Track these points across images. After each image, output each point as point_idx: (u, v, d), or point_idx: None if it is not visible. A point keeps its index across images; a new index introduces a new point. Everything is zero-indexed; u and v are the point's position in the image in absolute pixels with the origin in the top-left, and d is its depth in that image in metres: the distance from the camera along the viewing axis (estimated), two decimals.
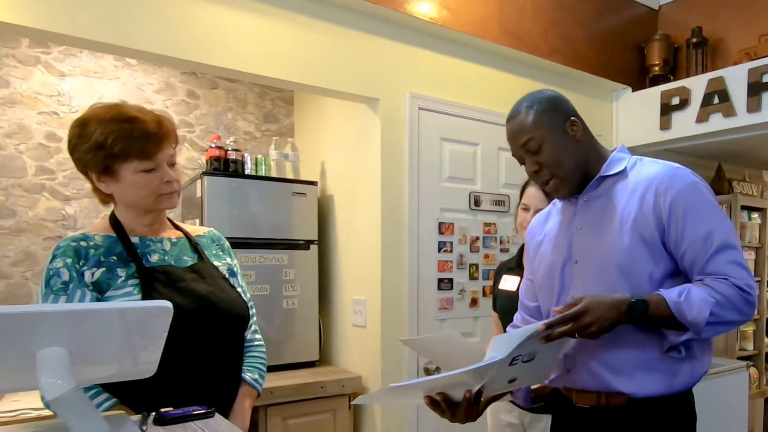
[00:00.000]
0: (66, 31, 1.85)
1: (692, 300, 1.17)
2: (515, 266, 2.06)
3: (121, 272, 1.30)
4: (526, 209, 1.97)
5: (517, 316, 1.61)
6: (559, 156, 1.32)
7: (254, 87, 3.23)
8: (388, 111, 2.58)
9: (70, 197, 2.71)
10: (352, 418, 2.58)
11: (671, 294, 1.19)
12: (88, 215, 2.74)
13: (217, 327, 1.36)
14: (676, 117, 3.28)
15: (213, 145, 2.68)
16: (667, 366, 1.26)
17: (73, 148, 1.30)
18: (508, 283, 2.02)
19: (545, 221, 1.52)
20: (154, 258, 1.36)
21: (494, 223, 2.94)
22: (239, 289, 1.48)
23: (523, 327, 1.25)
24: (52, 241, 2.63)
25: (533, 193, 1.96)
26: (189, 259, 1.42)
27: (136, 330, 0.99)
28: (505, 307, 1.97)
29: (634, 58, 3.55)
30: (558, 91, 1.44)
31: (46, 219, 2.65)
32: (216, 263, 1.47)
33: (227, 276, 1.48)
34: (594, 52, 3.30)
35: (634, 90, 3.51)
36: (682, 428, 1.33)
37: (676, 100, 3.27)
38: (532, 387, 1.50)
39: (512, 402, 1.74)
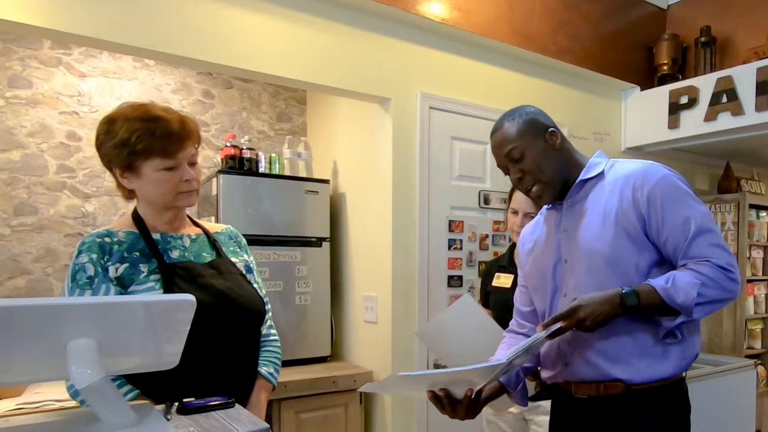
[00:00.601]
0: (86, 33, 1.89)
1: (679, 284, 1.22)
2: (507, 264, 2.16)
3: (144, 268, 1.33)
4: (515, 213, 2.08)
5: (512, 321, 1.65)
6: (541, 163, 1.39)
7: (268, 87, 3.26)
8: (399, 110, 2.60)
9: (90, 195, 2.75)
10: (363, 412, 2.60)
11: (659, 282, 1.25)
12: (106, 213, 2.78)
13: (234, 322, 1.39)
14: (685, 116, 3.27)
15: (228, 144, 2.72)
16: (660, 351, 1.31)
17: (100, 144, 1.33)
18: (502, 280, 2.12)
19: (534, 230, 1.58)
20: (175, 254, 1.39)
21: (503, 221, 2.95)
22: (255, 285, 1.51)
23: (532, 336, 1.30)
24: (72, 237, 2.68)
25: (520, 197, 2.07)
26: (208, 256, 1.45)
27: (161, 322, 1.02)
28: (501, 302, 2.05)
29: (642, 58, 3.55)
30: (567, 90, 1.47)
31: (67, 216, 2.69)
32: (233, 260, 1.50)
33: (244, 272, 1.50)
34: (603, 51, 3.30)
35: (642, 89, 3.50)
36: (677, 416, 1.36)
37: (684, 99, 3.26)
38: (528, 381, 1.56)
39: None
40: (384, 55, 2.55)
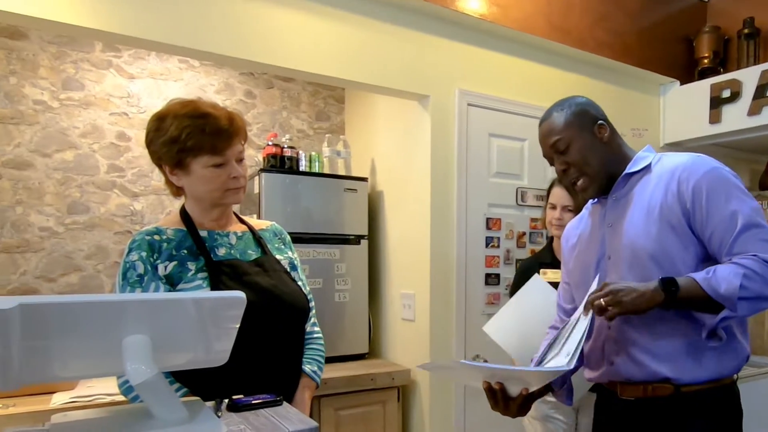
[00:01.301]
0: (135, 34, 1.90)
1: (721, 274, 1.15)
2: (550, 260, 2.15)
3: (191, 266, 1.32)
4: (554, 207, 2.12)
5: (555, 318, 1.61)
6: (587, 155, 1.35)
7: (307, 86, 3.26)
8: (437, 107, 2.55)
9: (138, 194, 2.79)
10: (400, 410, 2.57)
11: (699, 274, 1.18)
12: (153, 211, 2.82)
13: (279, 319, 1.37)
14: (727, 110, 3.12)
15: (270, 143, 2.72)
16: (710, 350, 1.24)
17: (150, 141, 1.33)
18: (550, 275, 2.09)
19: (578, 225, 1.53)
20: (221, 252, 1.38)
21: (540, 219, 2.87)
22: (300, 283, 1.49)
23: (577, 334, 1.23)
24: (121, 235, 2.72)
25: (558, 192, 2.11)
26: (253, 253, 1.43)
27: (212, 319, 1.00)
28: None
29: (682, 51, 3.40)
30: (605, 85, 1.43)
31: (116, 214, 2.74)
32: (278, 257, 1.48)
33: (288, 269, 1.48)
34: (641, 45, 3.17)
35: (682, 83, 3.36)
36: (728, 421, 1.29)
37: (726, 93, 3.11)
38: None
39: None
40: (423, 52, 2.51)
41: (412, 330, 2.62)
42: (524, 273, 2.22)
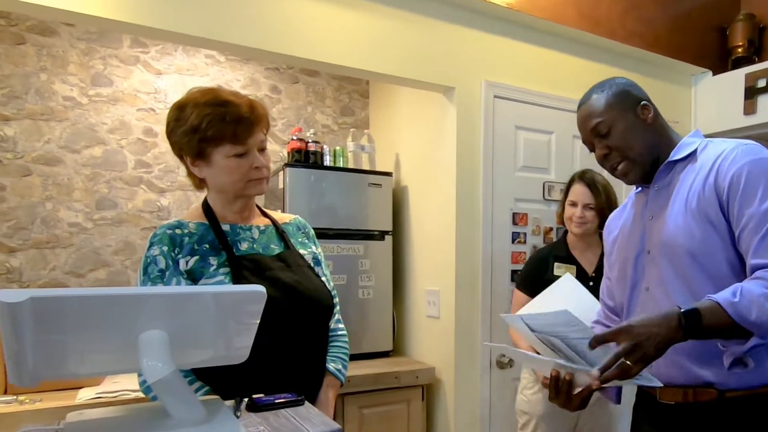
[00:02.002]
0: (162, 26, 1.88)
1: (749, 296, 0.99)
2: (564, 255, 2.12)
3: (213, 260, 1.27)
4: (574, 205, 2.08)
5: (599, 311, 1.52)
6: (629, 138, 1.24)
7: (332, 81, 3.20)
8: (463, 100, 2.46)
9: (165, 189, 2.78)
10: (425, 409, 2.50)
11: (724, 295, 1.02)
12: (180, 206, 2.80)
13: (302, 316, 1.31)
14: (763, 101, 2.96)
15: (294, 138, 2.67)
16: (757, 356, 1.10)
17: (170, 132, 1.28)
18: (564, 270, 2.06)
19: (620, 216, 1.43)
20: (244, 246, 1.33)
21: (557, 214, 2.78)
22: (323, 278, 1.43)
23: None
24: (148, 231, 2.71)
25: (580, 189, 2.08)
26: (276, 248, 1.37)
27: (231, 314, 0.96)
28: None
29: (715, 40, 3.24)
30: (635, 76, 1.34)
31: (144, 210, 2.73)
32: (301, 251, 1.42)
33: (312, 264, 1.42)
34: (673, 34, 3.03)
35: (714, 74, 3.20)
36: None
37: (762, 83, 2.94)
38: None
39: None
40: (448, 43, 2.42)
41: (437, 327, 2.54)
42: (538, 263, 2.16)
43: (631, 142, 1.25)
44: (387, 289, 2.72)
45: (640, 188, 1.35)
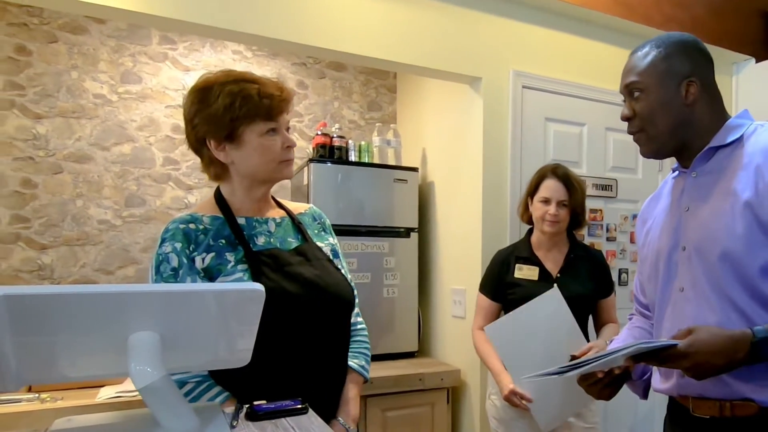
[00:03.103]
0: (191, 19, 1.85)
1: None
2: (528, 255, 1.96)
3: (230, 257, 1.19)
4: (547, 202, 1.89)
5: (635, 307, 1.40)
6: (657, 112, 1.11)
7: (359, 76, 3.12)
8: (490, 90, 2.34)
9: (192, 186, 2.76)
10: (450, 412, 2.39)
11: None
12: None
13: (324, 312, 1.23)
14: None
15: (319, 133, 2.60)
16: None
17: (192, 116, 1.20)
18: (525, 272, 1.93)
19: (655, 203, 1.28)
20: (260, 240, 1.25)
21: (600, 210, 2.61)
22: (342, 271, 1.34)
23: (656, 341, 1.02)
24: None
25: (553, 185, 1.89)
26: (293, 241, 1.29)
27: (228, 314, 0.88)
28: (526, 296, 1.81)
29: (757, 26, 3.01)
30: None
31: (171, 207, 2.71)
32: (319, 243, 1.34)
33: (330, 257, 1.34)
34: (713, 20, 2.82)
35: (757, 61, 2.97)
36: None
37: None
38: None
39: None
40: (474, 32, 2.31)
41: (462, 328, 2.43)
42: (498, 265, 2.01)
43: (656, 118, 1.11)
44: (412, 287, 2.62)
45: (677, 172, 1.21)
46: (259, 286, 0.86)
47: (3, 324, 0.72)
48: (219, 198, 1.27)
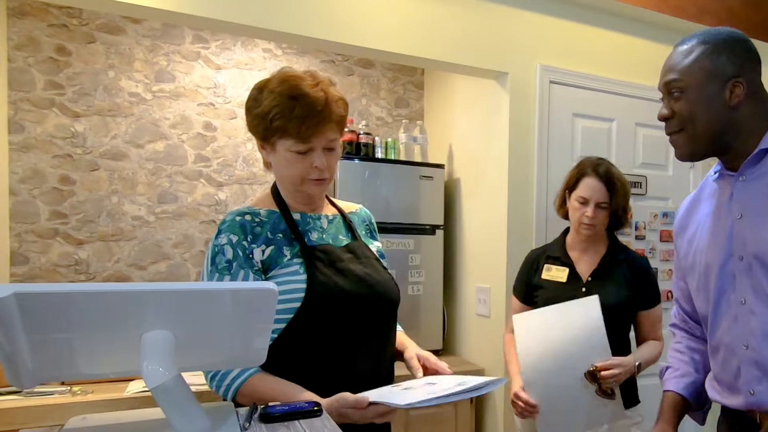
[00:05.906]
0: (223, 17, 1.86)
1: None
2: (560, 255, 1.79)
3: (287, 251, 1.18)
4: (585, 203, 1.70)
5: (674, 312, 1.32)
6: (699, 113, 1.03)
7: (386, 72, 3.08)
8: (517, 86, 2.26)
9: (222, 183, 2.77)
10: (473, 413, 2.33)
11: None
12: (237, 201, 2.78)
13: (373, 309, 1.21)
14: None
15: (346, 130, 2.57)
16: None
17: (248, 109, 1.22)
18: (554, 273, 1.77)
19: (695, 210, 1.19)
20: (314, 236, 1.24)
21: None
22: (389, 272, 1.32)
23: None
24: (206, 225, 2.71)
25: (593, 184, 1.70)
26: (344, 239, 1.28)
27: (243, 313, 0.85)
28: (552, 298, 1.68)
29: None
30: None
31: (202, 204, 2.73)
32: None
33: (378, 257, 1.32)
34: (750, 11, 2.65)
35: None
36: None
37: None
38: None
39: None
40: (500, 26, 2.23)
41: (487, 327, 2.37)
42: (528, 265, 1.87)
43: (697, 119, 1.03)
44: (437, 285, 2.57)
45: (717, 174, 1.12)
46: (273, 285, 0.85)
47: (15, 321, 0.71)
48: (275, 193, 1.27)
